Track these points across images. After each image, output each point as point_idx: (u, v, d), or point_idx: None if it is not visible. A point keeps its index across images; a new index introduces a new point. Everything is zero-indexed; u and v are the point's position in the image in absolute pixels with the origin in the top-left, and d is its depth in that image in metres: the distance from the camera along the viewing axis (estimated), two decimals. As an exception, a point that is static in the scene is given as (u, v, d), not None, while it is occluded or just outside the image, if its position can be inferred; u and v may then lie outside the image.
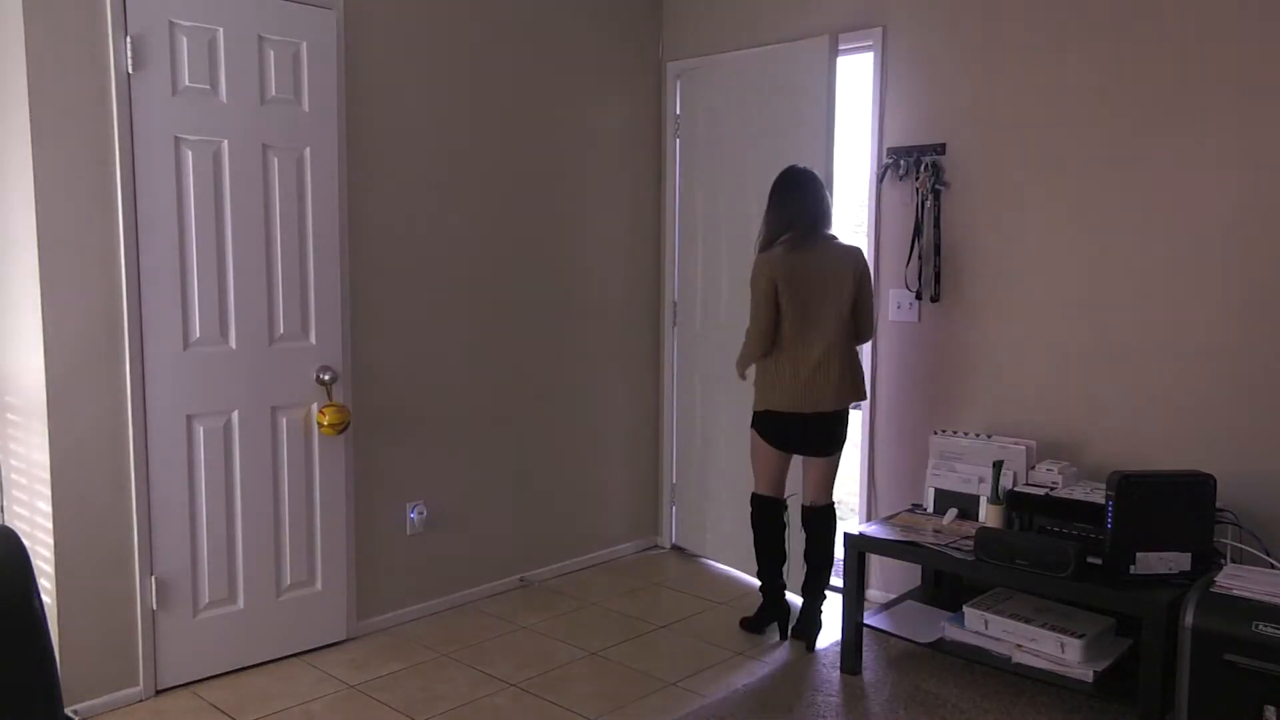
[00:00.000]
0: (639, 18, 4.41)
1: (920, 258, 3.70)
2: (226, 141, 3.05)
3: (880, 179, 3.79)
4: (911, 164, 3.68)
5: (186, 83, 2.96)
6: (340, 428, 3.27)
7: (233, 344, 3.13)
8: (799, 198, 3.38)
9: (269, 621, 3.28)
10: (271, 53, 3.13)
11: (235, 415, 3.15)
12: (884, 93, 3.77)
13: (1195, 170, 3.09)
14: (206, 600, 3.13)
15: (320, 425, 3.27)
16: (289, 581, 3.32)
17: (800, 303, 3.28)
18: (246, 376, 3.17)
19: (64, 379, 2.81)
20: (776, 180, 3.45)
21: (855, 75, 4.05)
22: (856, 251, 3.38)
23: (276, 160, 3.17)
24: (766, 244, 3.38)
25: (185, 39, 2.94)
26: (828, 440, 3.40)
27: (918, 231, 3.69)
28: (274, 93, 3.15)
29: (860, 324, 3.41)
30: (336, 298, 3.35)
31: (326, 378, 3.30)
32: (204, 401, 3.09)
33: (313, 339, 3.30)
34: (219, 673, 3.18)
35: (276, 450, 3.27)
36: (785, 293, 3.27)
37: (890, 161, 3.75)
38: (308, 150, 3.24)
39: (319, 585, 3.40)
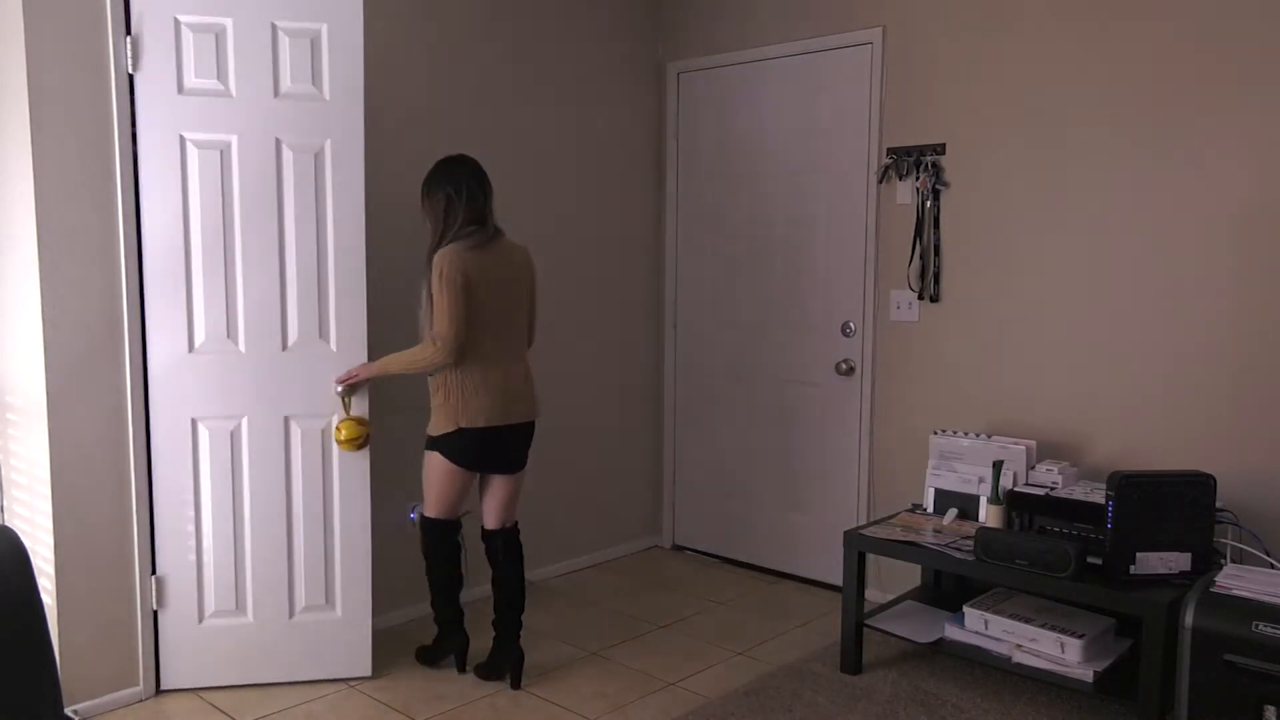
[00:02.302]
0: (639, 18, 4.41)
1: (920, 258, 3.70)
2: (236, 138, 2.94)
3: (880, 179, 3.79)
4: (911, 164, 3.68)
5: (193, 79, 2.89)
6: (358, 443, 3.06)
7: (242, 348, 3.01)
8: (479, 188, 3.02)
9: (281, 640, 3.13)
10: (287, 41, 2.96)
11: (244, 422, 3.04)
12: (884, 93, 3.77)
13: (1196, 170, 3.09)
14: (212, 609, 3.06)
15: (337, 440, 3.06)
16: (304, 603, 3.14)
17: (495, 306, 2.99)
18: (256, 383, 3.03)
19: (64, 379, 2.81)
20: (449, 167, 3.04)
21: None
22: (528, 251, 3.16)
23: (292, 156, 2.99)
24: (442, 237, 2.99)
25: (191, 34, 2.88)
26: (522, 455, 3.16)
27: (918, 231, 3.69)
28: (290, 84, 2.98)
29: (530, 330, 3.19)
30: (361, 302, 3.08)
31: (339, 389, 3.09)
32: (210, 406, 3.00)
33: (333, 346, 3.07)
34: (226, 685, 3.10)
35: (289, 462, 3.09)
36: (479, 295, 2.95)
37: (890, 161, 3.75)
38: (328, 143, 3.02)
39: (338, 612, 3.16)
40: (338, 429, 3.06)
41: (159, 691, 3.05)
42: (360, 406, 3.12)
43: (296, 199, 3.01)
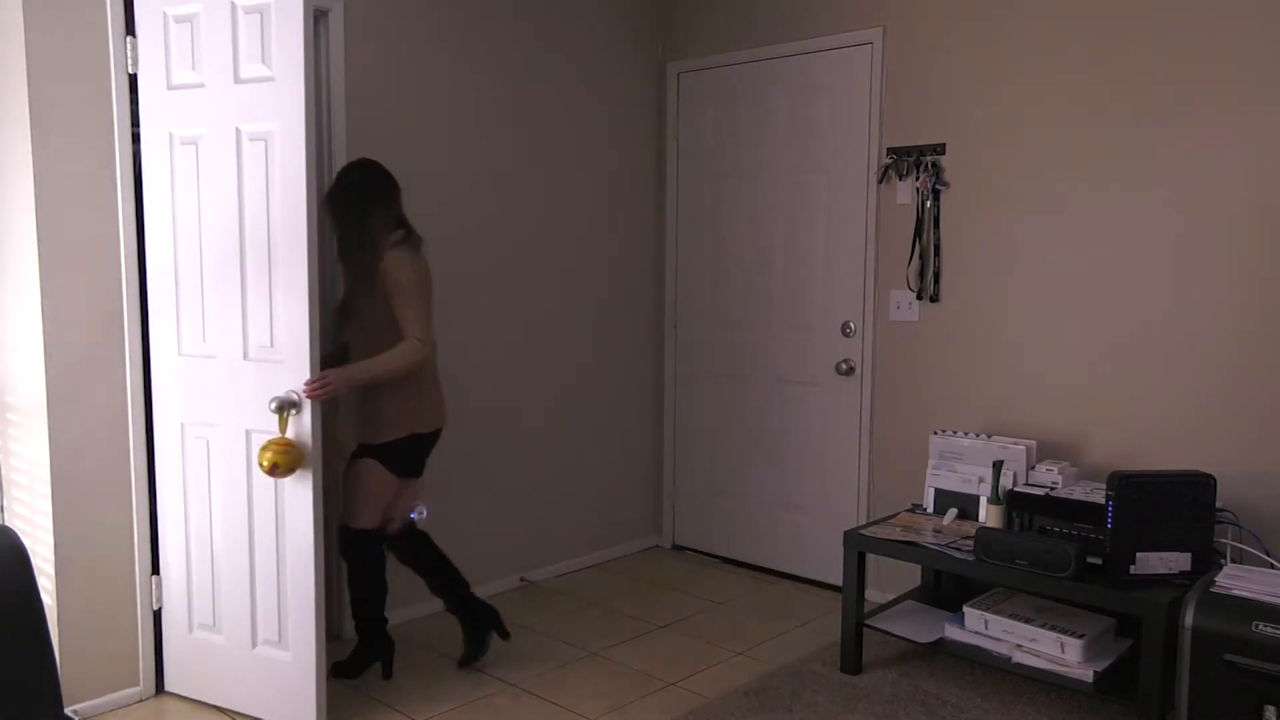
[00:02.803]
0: (639, 18, 4.41)
1: (920, 258, 3.70)
2: (206, 131, 2.79)
3: (880, 179, 3.79)
4: (911, 164, 3.68)
5: (176, 73, 2.82)
6: (273, 468, 2.64)
7: (214, 354, 2.85)
8: (398, 195, 3.02)
9: (246, 669, 2.91)
10: (243, 20, 2.72)
11: (214, 434, 2.88)
12: (884, 93, 3.77)
13: (1196, 170, 3.09)
14: (198, 620, 2.98)
15: (260, 464, 2.66)
16: (262, 636, 2.88)
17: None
18: (223, 392, 2.84)
19: (64, 379, 2.80)
20: (365, 172, 2.99)
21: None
22: None
23: (248, 145, 2.76)
24: (375, 242, 2.93)
25: (174, 27, 2.81)
26: (425, 460, 3.17)
27: (918, 231, 3.69)
28: (246, 67, 2.74)
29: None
30: (302, 303, 2.71)
31: (272, 406, 2.73)
32: (191, 412, 2.91)
33: (281, 355, 2.76)
34: (207, 702, 2.98)
35: (250, 480, 2.83)
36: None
37: (890, 161, 3.75)
38: (275, 128, 2.71)
39: (289, 655, 2.84)
40: (262, 451, 2.66)
41: (159, 692, 3.05)
42: (298, 427, 2.73)
43: (250, 191, 2.77)
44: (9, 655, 1.77)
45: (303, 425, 2.74)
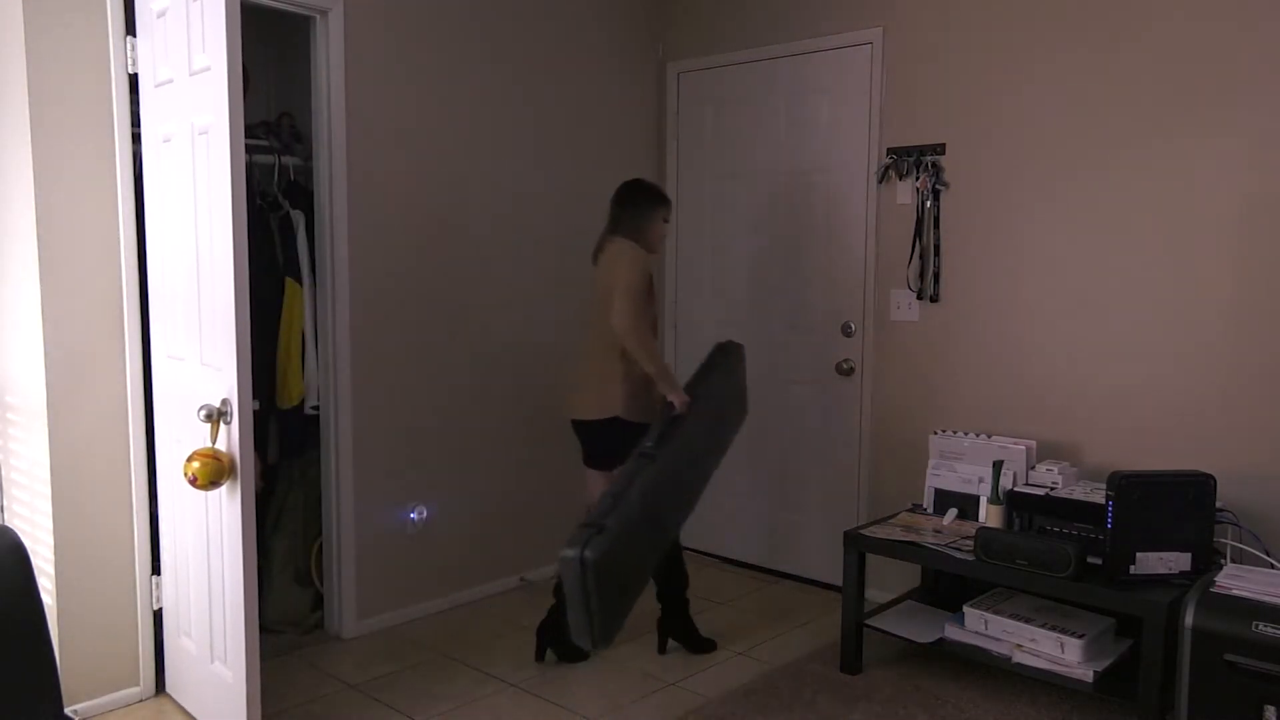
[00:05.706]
0: (639, 18, 4.41)
1: (920, 258, 3.70)
2: (175, 128, 2.70)
3: (880, 179, 3.79)
4: (911, 164, 3.68)
5: (160, 71, 2.77)
6: (192, 479, 2.48)
7: (183, 358, 2.77)
8: (617, 200, 3.31)
9: (206, 685, 2.79)
10: (191, 7, 2.56)
11: (180, 440, 2.80)
12: (884, 93, 3.77)
13: (1195, 171, 3.09)
14: (181, 627, 2.92)
15: (186, 475, 2.49)
16: (213, 653, 2.74)
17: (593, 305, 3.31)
18: (186, 397, 2.75)
19: (64, 379, 2.80)
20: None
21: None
22: (619, 246, 3.17)
23: (196, 140, 2.62)
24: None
25: (155, 23, 2.76)
26: (590, 451, 3.38)
27: (918, 231, 3.69)
28: (196, 57, 2.58)
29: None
30: (229, 306, 2.50)
31: (201, 415, 2.57)
32: (169, 416, 2.85)
33: (219, 362, 2.59)
34: (190, 711, 2.91)
35: (205, 493, 2.68)
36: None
37: (890, 161, 3.75)
38: (211, 121, 2.53)
39: (229, 676, 2.65)
40: (187, 461, 2.50)
41: (159, 692, 3.05)
42: (228, 438, 2.55)
43: (197, 190, 2.63)
44: (9, 655, 1.77)
45: (231, 437, 2.55)
